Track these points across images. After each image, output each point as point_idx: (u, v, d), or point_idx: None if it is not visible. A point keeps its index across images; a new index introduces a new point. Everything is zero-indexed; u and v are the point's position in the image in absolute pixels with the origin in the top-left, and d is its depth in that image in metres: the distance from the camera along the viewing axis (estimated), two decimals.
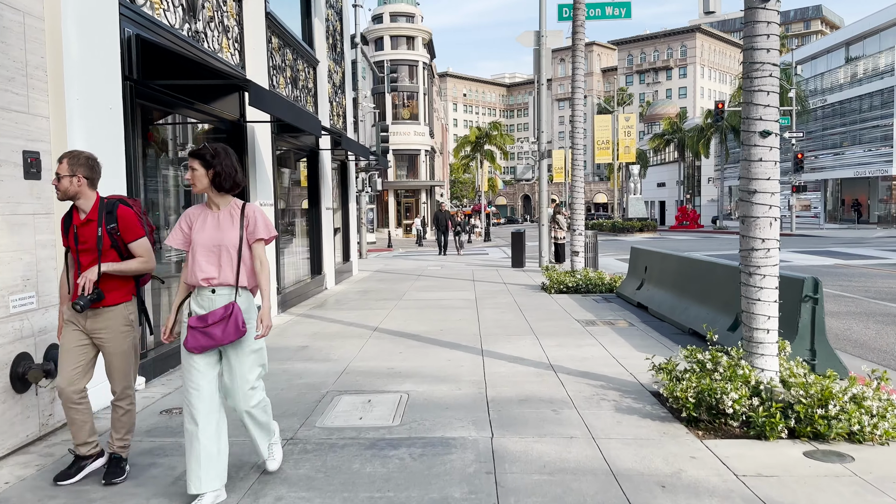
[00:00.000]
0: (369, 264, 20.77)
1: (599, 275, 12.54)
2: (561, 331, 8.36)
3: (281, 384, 5.91)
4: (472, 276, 15.87)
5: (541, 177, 18.25)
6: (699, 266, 8.59)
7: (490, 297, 11.91)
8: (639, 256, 11.33)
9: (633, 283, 11.16)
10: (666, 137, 62.68)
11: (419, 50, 51.58)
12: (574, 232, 12.91)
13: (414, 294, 12.55)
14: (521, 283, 14.23)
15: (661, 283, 9.84)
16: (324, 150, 13.09)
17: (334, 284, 14.24)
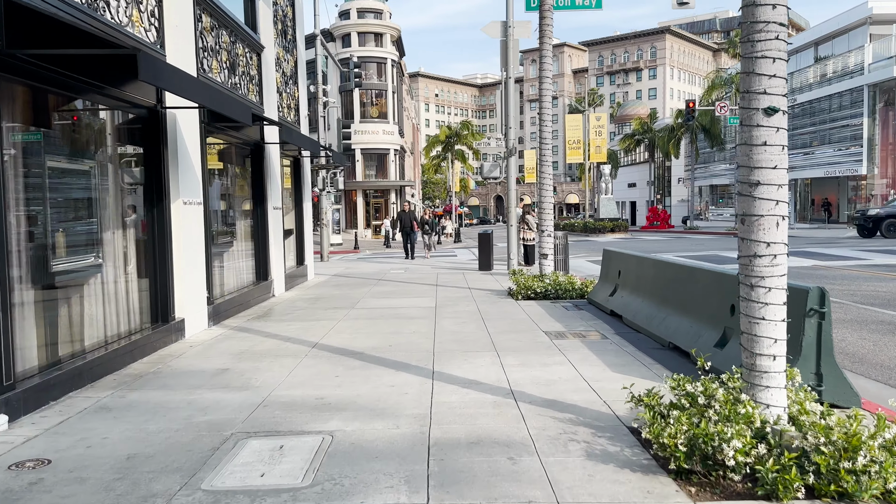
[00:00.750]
0: (329, 267, 19.62)
1: (570, 279, 11.61)
2: (526, 345, 7.37)
3: (177, 423, 4.81)
4: (435, 281, 14.84)
5: (509, 175, 17.29)
6: (679, 271, 7.67)
7: (452, 304, 10.89)
8: (611, 260, 10.41)
9: (605, 288, 10.24)
10: (637, 138, 62.38)
11: (387, 47, 50.44)
12: (543, 233, 11.96)
13: (369, 301, 11.47)
14: (488, 288, 13.24)
15: (636, 289, 8.91)
16: (270, 143, 11.96)
17: (284, 291, 13.10)
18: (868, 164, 39.88)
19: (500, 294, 12.11)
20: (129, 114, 7.45)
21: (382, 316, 9.76)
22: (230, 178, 11.23)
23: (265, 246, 12.03)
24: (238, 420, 4.85)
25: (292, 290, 13.45)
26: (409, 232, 21.54)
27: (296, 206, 15.09)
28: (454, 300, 11.41)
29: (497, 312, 9.88)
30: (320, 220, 22.44)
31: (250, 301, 10.98)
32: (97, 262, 6.77)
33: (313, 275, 16.19)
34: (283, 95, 13.70)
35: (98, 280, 6.78)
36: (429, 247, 22.68)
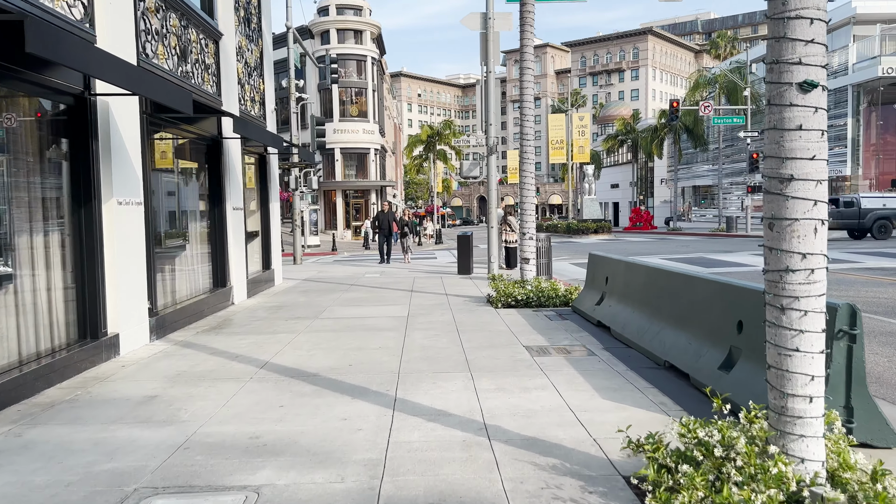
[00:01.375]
0: (301, 271, 18.68)
1: (553, 285, 10.80)
2: (503, 364, 6.53)
3: (73, 473, 3.91)
4: (410, 286, 13.97)
5: (489, 174, 16.47)
6: (674, 280, 6.87)
7: (425, 313, 10.03)
8: (598, 265, 9.61)
9: (591, 296, 9.43)
10: (620, 138, 61.98)
11: (367, 44, 49.49)
12: (524, 236, 11.14)
13: (336, 310, 10.58)
14: (466, 294, 12.40)
15: (625, 298, 8.11)
16: (229, 138, 11.02)
17: (246, 298, 12.16)
18: (852, 165, 39.62)
19: (479, 301, 11.27)
20: (51, 102, 6.51)
21: (348, 328, 8.87)
22: (183, 176, 10.28)
23: (223, 249, 11.10)
24: (148, 469, 3.95)
25: (256, 297, 12.51)
26: (388, 234, 20.04)
27: (261, 207, 14.15)
28: (429, 308, 10.55)
29: (474, 323, 9.04)
30: (293, 221, 21.46)
31: (204, 310, 10.04)
32: (6, 271, 5.83)
33: (281, 280, 15.25)
34: (246, 87, 12.77)
35: (8, 291, 5.84)
36: (406, 250, 20.74)
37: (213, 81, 10.82)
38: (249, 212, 13.87)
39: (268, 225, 14.20)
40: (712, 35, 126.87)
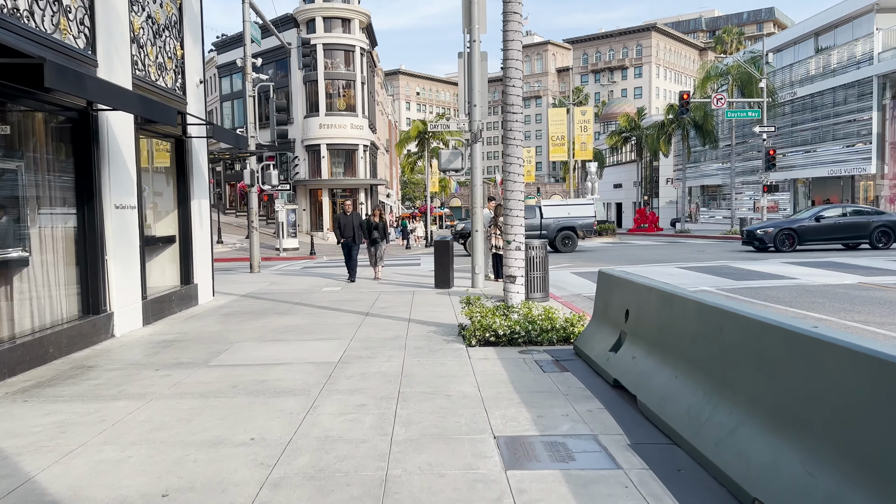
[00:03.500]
0: (250, 283, 15.69)
1: (549, 313, 7.78)
2: (449, 496, 3.52)
3: None
4: (369, 306, 10.98)
5: (473, 166, 13.47)
6: (768, 338, 3.80)
7: (367, 356, 7.02)
8: (612, 289, 6.57)
9: (603, 335, 6.42)
10: (624, 135, 58.89)
11: (356, 33, 46.48)
12: (509, 245, 8.11)
13: (243, 350, 7.57)
14: (435, 320, 9.40)
15: (661, 348, 5.09)
16: (104, 110, 8.02)
17: (141, 325, 9.16)
18: (878, 163, 36.56)
19: (448, 333, 8.26)
20: None
21: (234, 387, 5.85)
22: (26, 161, 7.27)
23: (98, 262, 8.09)
24: None
25: (156, 324, 9.50)
26: (352, 243, 15.40)
27: (180, 205, 11.14)
28: (375, 346, 7.55)
29: (428, 379, 6.02)
30: (249, 223, 18.46)
31: (51, 351, 7.03)
32: None
33: (211, 296, 12.24)
34: (149, 50, 9.76)
35: None
36: (377, 261, 15.81)
37: (85, 33, 7.82)
38: (160, 211, 10.88)
39: (188, 227, 11.20)
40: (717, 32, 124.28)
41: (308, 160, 46.51)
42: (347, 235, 15.39)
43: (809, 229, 22.87)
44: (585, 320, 7.73)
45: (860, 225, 22.95)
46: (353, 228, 15.40)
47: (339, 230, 15.39)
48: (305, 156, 46.48)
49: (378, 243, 15.78)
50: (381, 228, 15.70)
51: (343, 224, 15.40)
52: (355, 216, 15.63)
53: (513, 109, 7.79)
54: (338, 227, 15.40)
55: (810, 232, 22.84)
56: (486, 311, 7.87)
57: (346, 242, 15.49)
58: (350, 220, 15.49)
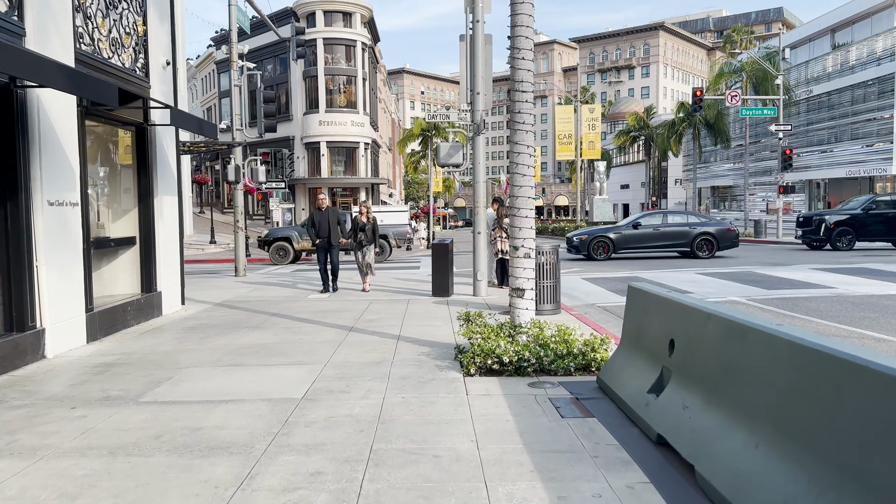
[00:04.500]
0: (230, 289, 14.33)
1: (564, 334, 6.39)
2: None
3: None
4: (355, 319, 9.61)
5: (476, 160, 12.10)
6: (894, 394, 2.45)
7: (338, 392, 5.65)
8: (649, 312, 5.16)
9: (637, 368, 5.04)
10: (632, 134, 57.49)
11: (357, 28, 45.16)
12: (516, 251, 6.70)
13: (189, 378, 6.20)
14: (429, 338, 8.02)
15: (725, 397, 3.70)
16: (30, 86, 6.66)
17: (85, 342, 7.82)
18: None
19: (443, 356, 6.88)
20: None
21: (158, 438, 4.49)
22: None
23: (23, 269, 6.74)
24: None
25: (105, 341, 8.15)
26: (329, 245, 12.86)
27: (140, 202, 9.79)
28: (353, 374, 6.18)
29: (412, 428, 4.64)
30: (235, 223, 17.12)
31: None
32: None
33: (179, 305, 10.88)
34: (101, 23, 8.42)
35: None
36: (365, 271, 13.25)
37: None
38: (117, 209, 9.54)
39: (150, 227, 9.84)
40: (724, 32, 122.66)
41: (307, 158, 45.22)
42: (324, 236, 12.90)
43: (626, 237, 21.40)
44: (609, 344, 6.34)
45: (680, 233, 21.40)
46: (329, 229, 12.88)
47: (315, 230, 12.95)
48: (305, 154, 45.20)
49: (366, 248, 13.22)
50: (370, 230, 13.16)
51: (318, 222, 12.95)
52: (332, 213, 13.05)
53: (522, 87, 6.39)
54: (312, 226, 13.04)
55: (627, 240, 21.36)
56: (488, 332, 6.49)
57: (322, 244, 13.00)
58: (325, 217, 12.93)
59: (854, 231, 22.71)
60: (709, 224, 22.17)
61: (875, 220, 22.93)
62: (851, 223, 22.95)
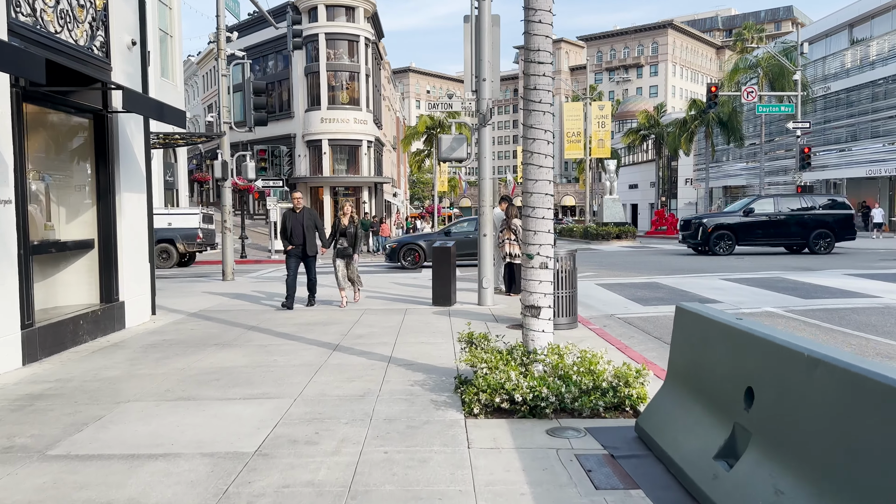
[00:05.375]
0: (215, 294, 13.15)
1: (589, 363, 5.14)
2: None
3: None
4: (342, 335, 8.40)
5: (481, 155, 10.86)
6: None
7: (303, 444, 4.42)
8: (711, 344, 3.87)
9: (694, 419, 3.79)
10: (642, 133, 56.12)
11: (360, 23, 43.97)
12: (530, 262, 5.44)
13: (123, 419, 4.97)
14: (426, 361, 6.79)
15: (844, 483, 2.48)
16: None
17: (20, 365, 6.62)
18: None
19: (441, 387, 5.65)
20: None
21: None
22: None
23: None
24: None
25: (45, 362, 6.94)
26: (304, 255, 10.75)
27: (99, 200, 8.60)
28: (327, 415, 4.95)
29: (391, 502, 3.43)
30: (223, 223, 15.94)
31: None
32: None
33: (148, 316, 9.69)
34: None
35: None
36: (343, 282, 11.05)
37: None
38: (71, 208, 8.35)
39: (111, 229, 8.65)
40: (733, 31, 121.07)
41: (309, 156, 44.08)
42: (297, 242, 10.64)
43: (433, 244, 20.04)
44: (647, 376, 5.10)
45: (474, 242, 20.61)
46: (302, 232, 10.62)
47: (287, 234, 10.71)
48: (306, 152, 44.06)
49: (348, 256, 10.96)
50: (353, 235, 10.96)
51: (291, 226, 10.65)
52: (308, 215, 10.82)
53: (538, 56, 5.15)
54: (283, 230, 10.82)
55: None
56: (495, 359, 5.25)
57: (294, 253, 10.68)
58: (298, 219, 10.63)
59: (734, 235, 21.43)
60: None
61: (755, 225, 21.87)
62: (731, 227, 21.89)
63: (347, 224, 10.98)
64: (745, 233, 21.68)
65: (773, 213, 22.02)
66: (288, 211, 11.04)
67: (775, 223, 21.86)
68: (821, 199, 23.09)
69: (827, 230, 21.86)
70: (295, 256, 10.80)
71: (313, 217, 10.94)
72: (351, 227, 10.98)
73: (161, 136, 13.99)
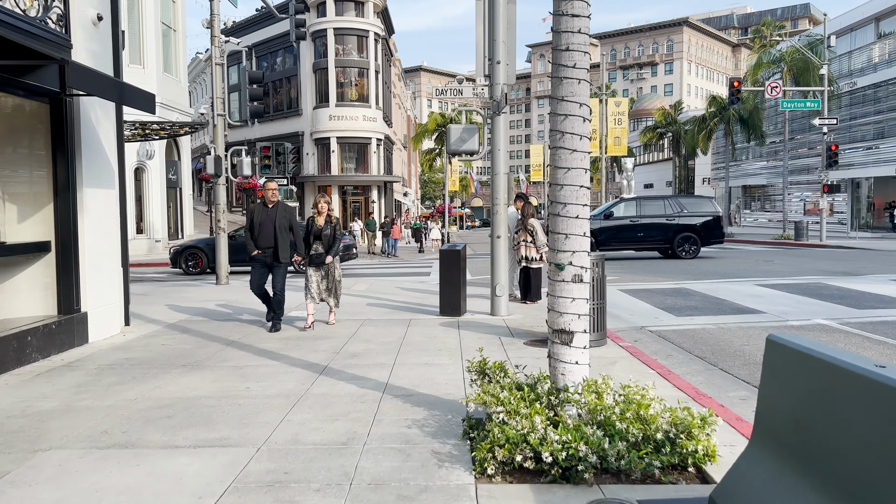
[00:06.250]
0: (202, 300, 12.05)
1: (637, 404, 3.96)
2: None
3: None
4: (333, 353, 7.24)
5: (494, 146, 9.68)
6: None
7: None
8: (836, 400, 2.68)
9: (801, 501, 2.61)
10: (659, 130, 54.65)
11: (370, 18, 42.88)
12: (559, 272, 4.24)
13: (21, 483, 3.81)
14: (429, 391, 5.62)
15: None
16: None
17: None
18: None
19: (446, 434, 4.47)
20: None
21: None
22: None
23: None
24: None
25: None
26: (274, 261, 8.58)
27: (58, 196, 7.50)
28: (292, 479, 3.79)
29: None
30: (217, 223, 14.85)
31: None
32: None
33: (118, 327, 8.57)
34: None
35: None
36: (331, 293, 8.86)
37: None
38: (22, 206, 7.25)
39: (71, 229, 7.54)
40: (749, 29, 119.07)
41: (317, 154, 43.06)
42: (266, 245, 8.50)
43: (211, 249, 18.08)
44: (716, 423, 3.90)
45: None
46: (273, 234, 8.47)
47: (254, 235, 8.57)
48: (314, 150, 43.04)
49: (325, 265, 8.72)
50: (331, 238, 8.71)
51: (259, 223, 8.51)
52: (282, 211, 8.62)
53: (572, 8, 3.96)
54: (250, 229, 8.64)
55: None
56: (516, 401, 4.06)
57: (260, 259, 8.55)
58: (269, 217, 8.51)
59: (594, 240, 20.05)
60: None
61: (617, 229, 20.65)
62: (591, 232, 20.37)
63: (323, 225, 8.71)
64: (606, 237, 20.42)
65: (635, 217, 20.90)
66: (257, 205, 8.80)
67: (637, 227, 20.73)
68: (687, 202, 22.07)
69: (692, 234, 20.83)
70: (261, 264, 8.62)
71: (288, 215, 8.72)
72: (328, 229, 8.70)
73: (136, 126, 12.89)
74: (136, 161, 25.67)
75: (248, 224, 8.82)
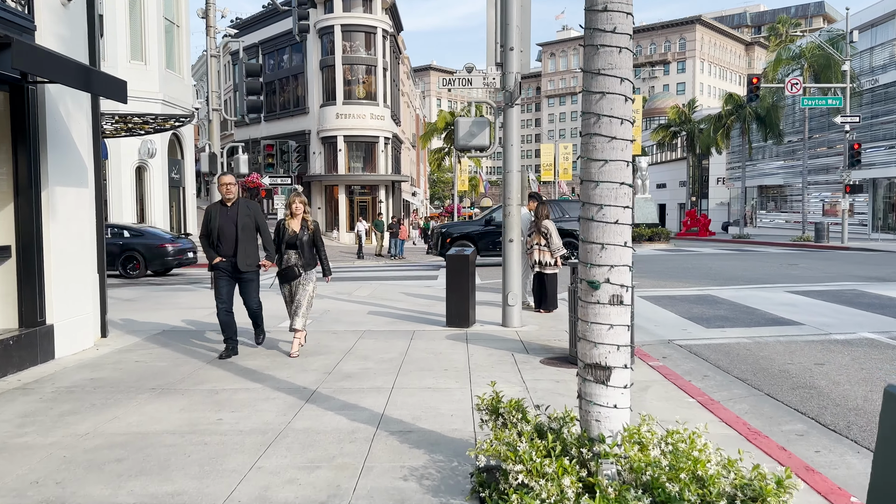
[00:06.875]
0: (193, 307, 11.27)
1: (693, 462, 3.10)
2: None
3: None
4: (324, 374, 6.41)
5: (506, 141, 8.82)
6: None
7: None
8: None
9: None
10: (672, 129, 53.58)
11: (378, 14, 42.08)
12: (592, 292, 3.39)
13: None
14: (430, 425, 4.77)
15: None
16: None
17: None
18: None
19: (451, 494, 3.62)
20: None
21: None
22: None
23: None
24: None
25: None
26: (236, 271, 6.91)
27: (19, 196, 6.70)
28: None
29: None
30: None
31: None
32: None
33: (93, 340, 7.77)
34: None
35: None
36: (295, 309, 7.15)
37: None
38: None
39: (34, 231, 6.74)
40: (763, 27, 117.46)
41: (324, 153, 42.31)
42: (227, 252, 6.89)
43: None
44: (798, 487, 3.03)
45: None
46: (234, 236, 6.86)
47: (214, 240, 6.92)
48: (321, 149, 42.29)
49: (299, 277, 7.14)
50: (307, 245, 7.15)
51: (218, 225, 6.87)
52: (245, 209, 6.98)
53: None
54: (206, 234, 6.97)
55: None
56: (538, 456, 3.20)
57: (224, 268, 6.94)
58: (231, 218, 6.89)
59: (475, 245, 19.00)
60: None
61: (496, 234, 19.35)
62: (471, 237, 19.65)
63: (298, 230, 7.09)
64: (486, 242, 19.47)
65: None
66: (213, 204, 7.17)
67: None
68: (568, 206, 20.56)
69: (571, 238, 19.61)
70: (225, 274, 6.98)
71: (253, 212, 7.05)
72: (304, 234, 7.09)
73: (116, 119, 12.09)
74: (138, 160, 24.99)
75: (203, 229, 7.03)
